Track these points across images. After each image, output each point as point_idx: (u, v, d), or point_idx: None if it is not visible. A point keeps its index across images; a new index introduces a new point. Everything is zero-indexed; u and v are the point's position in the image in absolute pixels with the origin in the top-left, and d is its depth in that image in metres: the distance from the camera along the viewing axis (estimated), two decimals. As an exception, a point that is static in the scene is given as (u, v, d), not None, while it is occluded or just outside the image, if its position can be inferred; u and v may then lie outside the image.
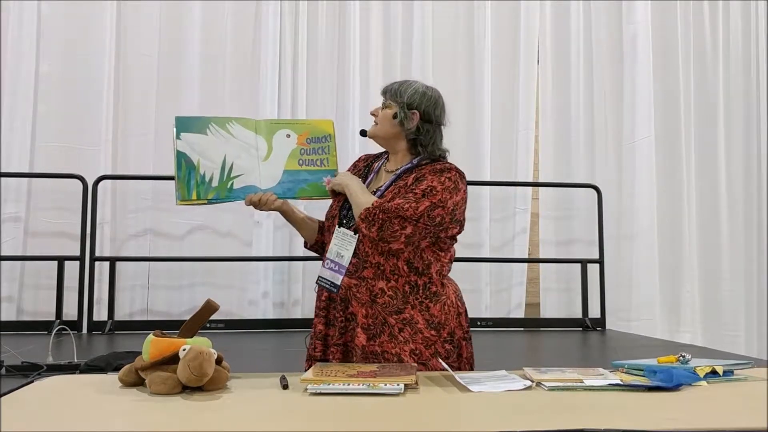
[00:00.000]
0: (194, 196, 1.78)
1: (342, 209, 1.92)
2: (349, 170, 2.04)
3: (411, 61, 4.88)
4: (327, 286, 1.85)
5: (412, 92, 1.94)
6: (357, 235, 1.83)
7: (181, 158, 1.77)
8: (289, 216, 1.97)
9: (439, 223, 1.81)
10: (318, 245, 2.05)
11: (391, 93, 1.95)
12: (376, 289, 1.82)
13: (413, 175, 1.89)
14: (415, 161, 1.96)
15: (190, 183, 1.77)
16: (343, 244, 1.85)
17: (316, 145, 1.87)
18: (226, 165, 1.79)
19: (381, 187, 1.92)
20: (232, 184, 1.80)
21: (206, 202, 1.82)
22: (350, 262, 1.83)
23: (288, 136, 1.86)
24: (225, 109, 4.60)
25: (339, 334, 1.84)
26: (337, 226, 1.88)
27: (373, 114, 1.98)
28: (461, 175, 1.91)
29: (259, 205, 1.83)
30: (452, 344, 1.87)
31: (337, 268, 1.83)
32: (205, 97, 4.63)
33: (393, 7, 4.91)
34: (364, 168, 2.04)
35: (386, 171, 1.99)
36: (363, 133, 1.99)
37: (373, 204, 1.79)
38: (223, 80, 4.67)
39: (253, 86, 4.68)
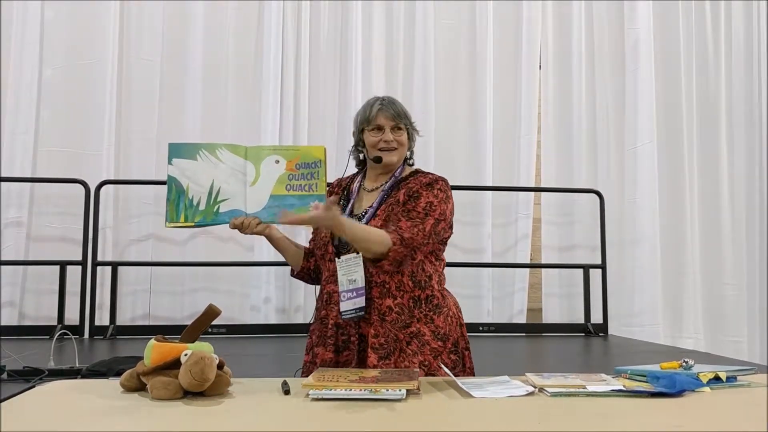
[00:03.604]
0: (182, 219, 1.82)
1: (333, 236, 1.90)
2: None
3: (413, 67, 4.89)
4: (353, 315, 1.81)
5: (406, 110, 1.98)
6: (359, 254, 1.82)
7: (172, 182, 1.82)
8: (274, 241, 1.97)
9: (443, 236, 1.90)
10: (304, 272, 2.03)
11: (403, 116, 1.95)
12: (383, 308, 1.82)
13: (402, 191, 1.89)
14: (397, 173, 1.96)
15: (179, 206, 1.82)
16: (350, 270, 1.84)
17: (306, 170, 1.87)
18: (213, 189, 1.82)
19: (371, 206, 1.91)
20: (218, 208, 1.83)
21: (193, 225, 1.85)
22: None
23: (277, 162, 1.86)
24: (227, 114, 4.61)
25: (357, 358, 1.81)
26: (337, 258, 1.86)
27: (387, 141, 1.92)
28: (447, 182, 1.95)
29: (242, 228, 1.82)
30: (457, 354, 1.87)
31: (354, 294, 1.82)
32: (208, 101, 4.64)
33: (395, 10, 4.92)
34: (342, 192, 2.02)
35: (366, 190, 1.98)
36: (378, 159, 1.93)
37: (393, 242, 1.75)
38: (225, 84, 4.68)
39: (256, 90, 4.69)
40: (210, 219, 1.83)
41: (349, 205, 1.95)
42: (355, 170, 2.09)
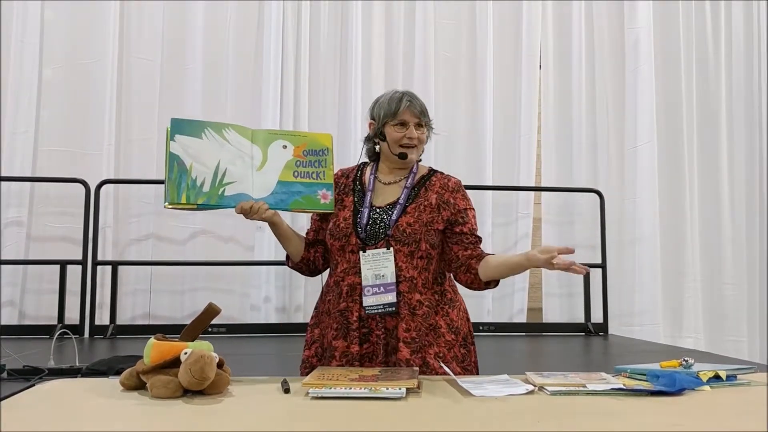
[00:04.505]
0: (184, 200, 1.72)
1: (357, 229, 1.87)
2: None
3: (413, 67, 4.89)
4: (380, 310, 1.81)
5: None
6: (390, 249, 1.83)
7: (174, 160, 1.72)
8: (278, 228, 1.92)
9: None
10: (303, 262, 1.99)
11: (425, 113, 1.95)
12: (413, 302, 1.84)
13: (432, 195, 1.91)
14: (415, 169, 1.97)
15: (181, 186, 1.71)
16: (378, 265, 1.82)
17: (313, 157, 1.83)
18: (219, 171, 1.74)
19: (396, 202, 1.90)
20: (224, 190, 1.75)
21: (195, 207, 1.76)
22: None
23: (284, 147, 1.81)
24: (227, 113, 4.61)
25: (384, 351, 1.82)
26: (362, 251, 1.84)
27: (411, 138, 1.91)
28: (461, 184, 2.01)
29: (249, 213, 1.79)
30: (466, 348, 1.91)
31: (382, 289, 1.81)
32: (208, 100, 4.65)
33: (395, 10, 4.92)
34: (353, 183, 1.98)
35: (382, 183, 1.96)
36: (404, 156, 1.91)
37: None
38: (225, 84, 4.68)
39: (256, 90, 4.69)
40: (214, 201, 1.75)
41: (367, 198, 1.92)
42: (357, 161, 2.07)
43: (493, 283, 1.89)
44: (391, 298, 1.80)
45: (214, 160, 1.76)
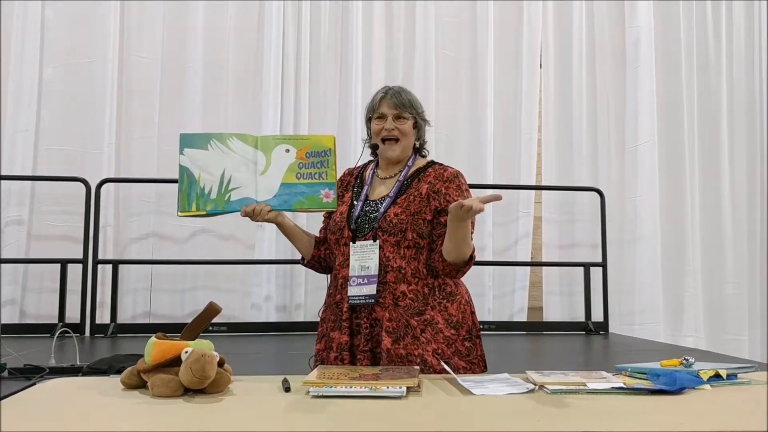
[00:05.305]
0: (194, 208, 1.84)
1: (350, 221, 1.92)
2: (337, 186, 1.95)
3: (413, 67, 4.89)
4: (362, 301, 1.84)
5: (415, 99, 2.00)
6: (377, 241, 1.85)
7: (184, 172, 1.84)
8: (284, 228, 1.98)
9: None
10: (315, 260, 2.04)
11: (408, 106, 1.96)
12: (398, 293, 1.85)
13: (424, 185, 1.91)
14: (410, 162, 1.99)
15: (191, 195, 1.84)
16: (364, 256, 1.86)
17: (316, 159, 1.90)
18: (225, 178, 1.85)
19: (388, 195, 1.92)
20: (230, 196, 1.85)
21: (205, 213, 1.86)
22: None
23: (287, 150, 1.89)
24: (228, 113, 4.61)
25: (365, 341, 1.85)
26: (352, 242, 1.88)
27: (388, 129, 1.93)
28: (463, 175, 1.98)
29: (253, 215, 1.85)
30: (470, 342, 1.90)
31: (366, 281, 1.84)
32: (208, 101, 4.65)
33: (396, 10, 4.92)
34: (355, 180, 2.04)
35: (380, 178, 1.99)
36: (375, 147, 1.96)
37: (472, 257, 1.84)
38: (225, 84, 4.68)
39: (256, 90, 4.69)
40: (221, 207, 1.85)
41: (364, 192, 1.96)
42: (366, 159, 2.10)
43: (465, 264, 1.83)
44: (372, 290, 1.83)
45: (219, 169, 1.86)
